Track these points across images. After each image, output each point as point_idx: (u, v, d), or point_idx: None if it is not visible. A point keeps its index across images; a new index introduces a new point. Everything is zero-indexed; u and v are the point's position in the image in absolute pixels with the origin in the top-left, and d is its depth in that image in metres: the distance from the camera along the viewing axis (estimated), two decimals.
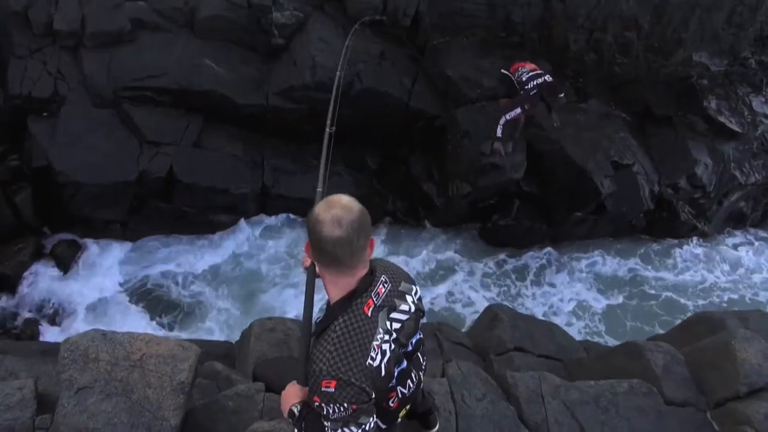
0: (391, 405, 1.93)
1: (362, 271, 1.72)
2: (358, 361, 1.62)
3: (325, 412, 1.64)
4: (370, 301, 1.71)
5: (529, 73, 6.90)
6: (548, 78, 6.85)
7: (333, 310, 1.71)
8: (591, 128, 8.07)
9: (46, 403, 2.56)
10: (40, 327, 5.96)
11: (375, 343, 1.67)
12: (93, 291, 6.46)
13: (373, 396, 1.67)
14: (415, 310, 1.89)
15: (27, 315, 6.05)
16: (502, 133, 7.04)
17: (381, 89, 7.46)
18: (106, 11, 6.81)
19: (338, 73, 3.54)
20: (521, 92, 6.88)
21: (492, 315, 4.47)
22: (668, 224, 8.53)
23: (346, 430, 1.68)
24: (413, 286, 1.94)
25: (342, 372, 1.60)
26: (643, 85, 8.86)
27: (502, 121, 6.96)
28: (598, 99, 8.67)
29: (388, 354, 1.71)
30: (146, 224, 6.95)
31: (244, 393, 2.61)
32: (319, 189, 2.27)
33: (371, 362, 1.64)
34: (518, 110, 6.91)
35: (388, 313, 1.76)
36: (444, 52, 8.03)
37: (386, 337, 1.72)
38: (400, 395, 1.93)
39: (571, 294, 7.82)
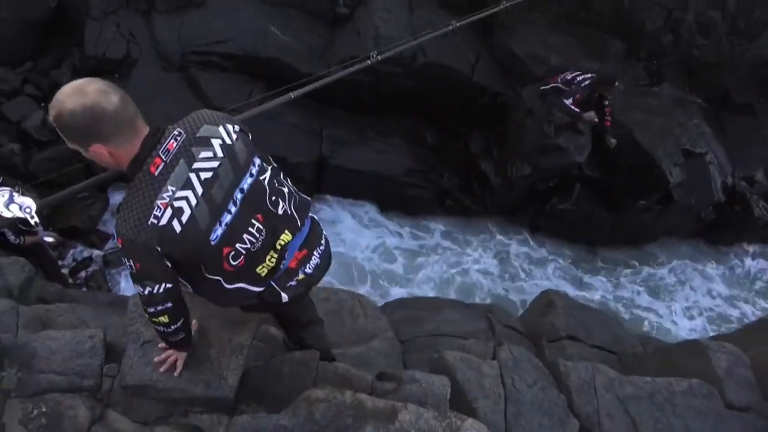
0: (236, 263, 1.84)
1: (143, 133, 1.69)
2: (139, 221, 1.65)
3: (126, 266, 1.77)
4: (158, 159, 1.68)
5: (573, 73, 6.63)
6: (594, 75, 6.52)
7: (128, 180, 1.72)
8: (663, 113, 7.67)
9: (113, 353, 2.69)
10: (108, 278, 6.29)
11: (160, 201, 1.65)
12: None
13: (160, 252, 1.68)
14: (229, 154, 1.77)
15: (95, 267, 6.38)
16: (574, 104, 6.61)
17: (445, 63, 7.32)
18: None
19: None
20: (572, 86, 6.57)
21: (547, 301, 4.38)
22: (740, 219, 8.07)
23: (138, 287, 1.79)
24: (223, 126, 1.80)
25: (124, 230, 1.66)
26: (723, 69, 8.31)
27: (569, 101, 6.64)
28: (672, 83, 8.21)
29: (187, 210, 1.68)
30: None
31: (299, 359, 2.66)
32: None
33: (155, 221, 1.65)
34: (579, 94, 6.52)
35: (189, 166, 1.70)
36: (512, 27, 7.77)
37: (183, 193, 1.67)
38: (242, 250, 1.83)
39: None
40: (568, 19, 7.90)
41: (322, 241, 2.14)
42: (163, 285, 1.78)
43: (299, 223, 2.02)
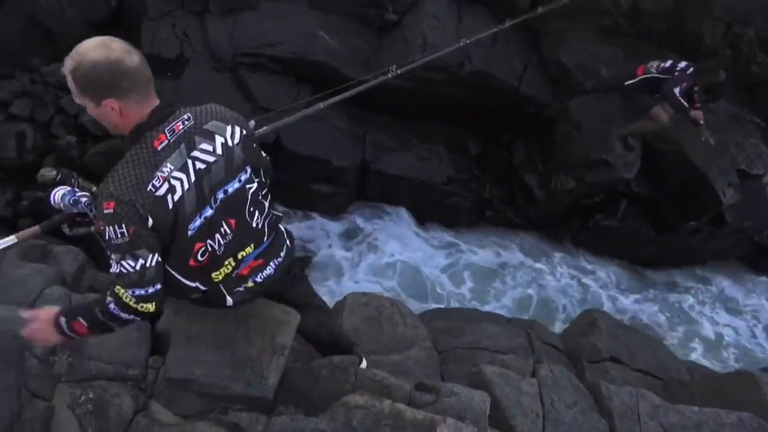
0: (201, 259, 1.84)
1: (154, 102, 1.71)
2: (138, 184, 1.62)
3: (107, 237, 1.64)
4: (162, 136, 1.69)
5: (667, 61, 6.09)
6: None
7: (125, 145, 1.70)
8: (718, 131, 7.39)
9: (159, 344, 2.75)
10: None
11: (160, 173, 1.65)
12: None
13: (151, 224, 1.64)
14: (227, 154, 1.79)
15: None
16: (681, 95, 5.79)
17: (491, 72, 7.25)
18: None
19: None
20: (675, 73, 5.89)
21: (589, 320, 4.27)
22: None
23: (124, 263, 1.67)
24: (231, 127, 1.83)
25: (120, 191, 1.61)
26: None
27: (677, 90, 5.82)
28: (730, 100, 7.91)
29: (179, 191, 1.67)
30: None
31: (338, 364, 2.66)
32: None
33: (153, 189, 1.63)
34: (685, 83, 5.81)
35: (188, 152, 1.72)
36: (561, 37, 7.64)
37: (179, 174, 1.68)
38: (209, 248, 1.83)
39: None
40: (617, 30, 7.72)
41: (282, 253, 2.15)
42: (156, 256, 1.71)
43: (265, 238, 2.05)
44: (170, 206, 1.68)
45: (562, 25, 7.69)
